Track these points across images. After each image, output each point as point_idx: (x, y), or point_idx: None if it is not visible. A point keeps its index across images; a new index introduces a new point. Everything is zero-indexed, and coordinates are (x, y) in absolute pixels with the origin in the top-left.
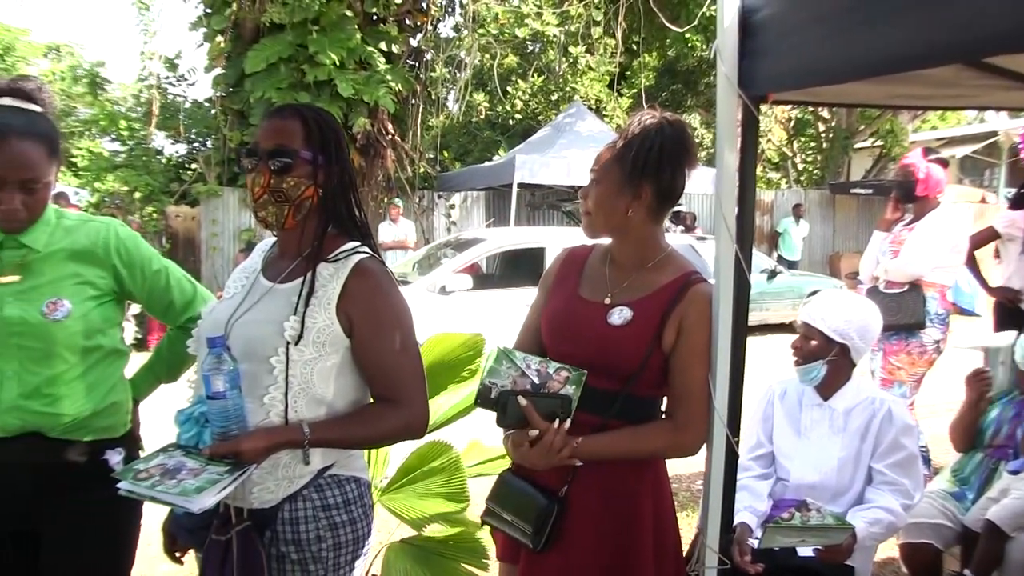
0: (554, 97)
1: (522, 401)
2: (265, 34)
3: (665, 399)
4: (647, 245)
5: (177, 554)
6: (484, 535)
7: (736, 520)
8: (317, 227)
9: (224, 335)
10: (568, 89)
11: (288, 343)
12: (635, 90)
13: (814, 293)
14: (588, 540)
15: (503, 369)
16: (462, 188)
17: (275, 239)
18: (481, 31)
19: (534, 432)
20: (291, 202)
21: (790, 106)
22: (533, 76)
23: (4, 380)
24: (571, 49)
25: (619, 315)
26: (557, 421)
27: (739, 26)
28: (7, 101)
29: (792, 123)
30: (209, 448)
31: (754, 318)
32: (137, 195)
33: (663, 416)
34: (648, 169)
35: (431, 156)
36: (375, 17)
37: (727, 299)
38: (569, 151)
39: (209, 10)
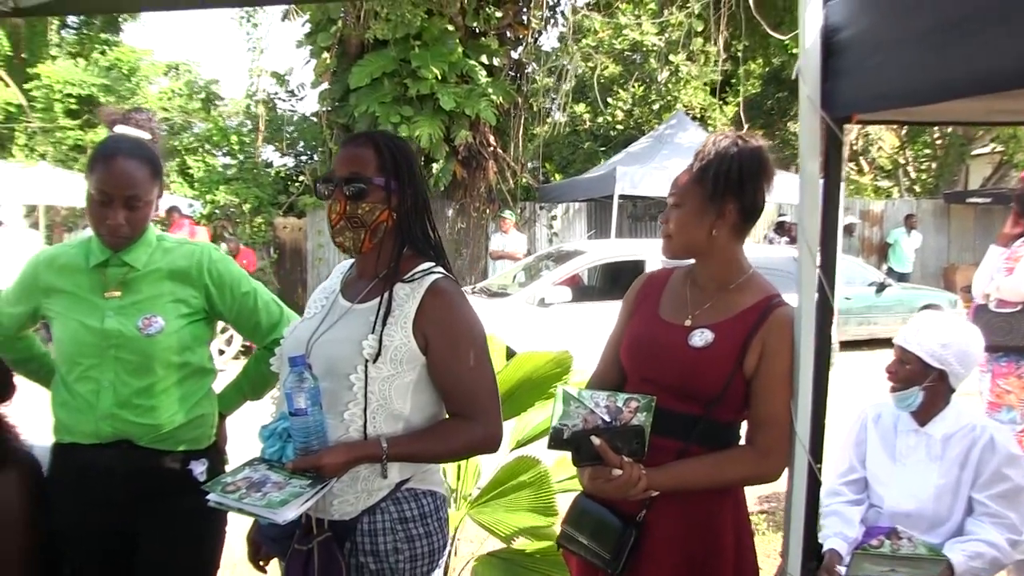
0: (656, 106)
1: (595, 440)
2: (369, 50)
3: (745, 424)
4: (730, 266)
5: (261, 563)
6: None
7: (825, 546)
8: (393, 249)
9: (305, 354)
10: (670, 98)
11: (367, 361)
12: (740, 98)
13: (927, 307)
14: (667, 566)
15: (572, 410)
16: (563, 199)
17: (353, 261)
18: (584, 43)
19: (616, 471)
20: (367, 227)
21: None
22: (634, 86)
23: (101, 389)
24: (672, 58)
25: (700, 337)
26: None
27: (822, 46)
28: (120, 129)
29: (905, 129)
30: (292, 462)
31: (861, 332)
32: (247, 207)
33: (742, 441)
34: (730, 187)
35: (533, 168)
36: (476, 31)
37: (809, 323)
38: (670, 161)
39: (315, 28)
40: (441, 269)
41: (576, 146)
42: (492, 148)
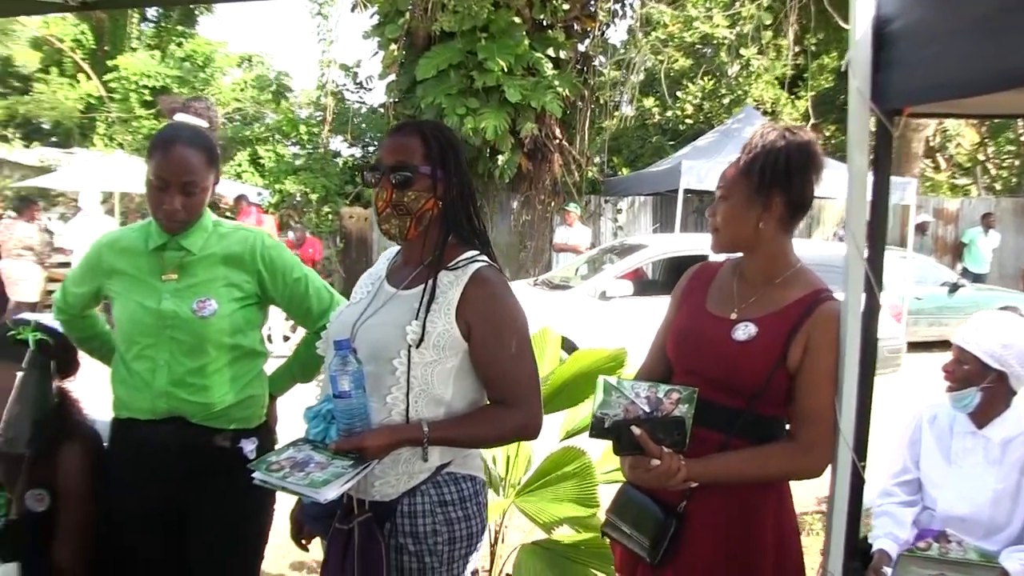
0: (726, 100)
1: (636, 430)
2: (436, 42)
3: (790, 419)
4: (777, 260)
5: (303, 541)
6: None
7: (875, 546)
8: (438, 237)
9: (350, 338)
10: (740, 92)
11: (410, 346)
12: (810, 93)
13: (1003, 309)
14: (706, 557)
15: (613, 399)
16: (629, 193)
17: (399, 247)
18: (654, 35)
19: (655, 461)
20: (412, 215)
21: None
22: (704, 79)
23: (157, 368)
24: (742, 51)
25: (744, 331)
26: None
27: (873, 37)
28: (179, 117)
29: (986, 125)
30: (335, 443)
31: (932, 333)
32: (314, 196)
33: (787, 436)
34: (776, 179)
35: (600, 161)
36: (543, 23)
37: (855, 320)
38: (737, 156)
39: (383, 19)
40: (485, 258)
41: (645, 140)
42: (558, 141)
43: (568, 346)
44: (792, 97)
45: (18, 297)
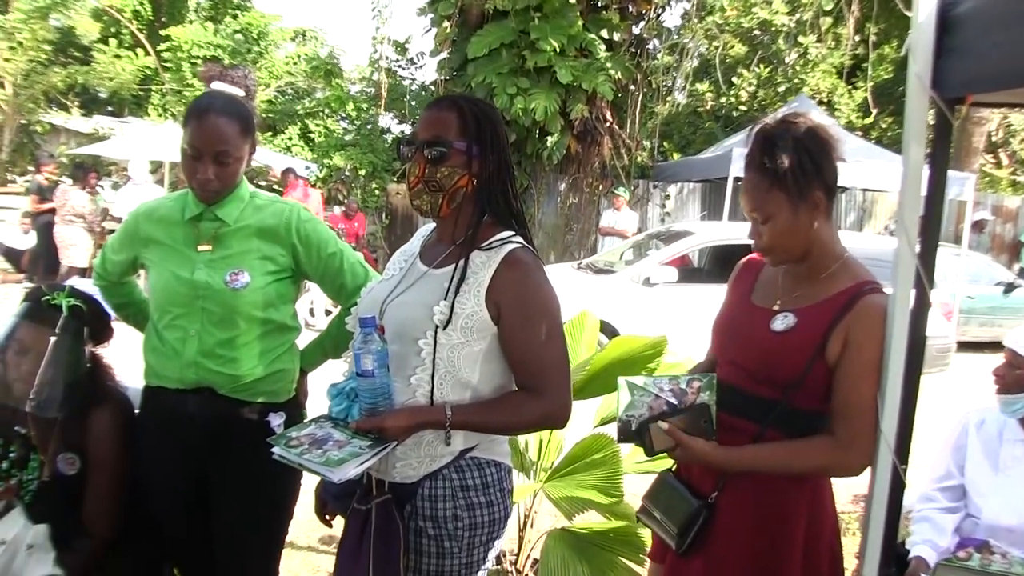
0: (781, 88)
1: (663, 425)
2: (489, 20)
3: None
4: (825, 252)
5: (327, 517)
6: (646, 531)
7: (913, 553)
8: (472, 215)
9: (376, 315)
10: (797, 81)
11: (437, 327)
12: (869, 83)
13: None
14: (733, 551)
15: (637, 399)
16: (678, 179)
17: (435, 225)
18: (709, 20)
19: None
20: (445, 191)
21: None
22: (760, 66)
23: (187, 338)
24: (801, 39)
25: (782, 321)
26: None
27: (937, 20)
28: (216, 85)
29: None
30: (356, 422)
31: (985, 334)
32: (362, 172)
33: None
34: (811, 175)
35: (653, 146)
36: (597, 4)
37: (903, 317)
38: None
39: None
40: (520, 239)
41: (697, 126)
42: (608, 124)
43: (609, 331)
44: (850, 87)
45: (69, 262)
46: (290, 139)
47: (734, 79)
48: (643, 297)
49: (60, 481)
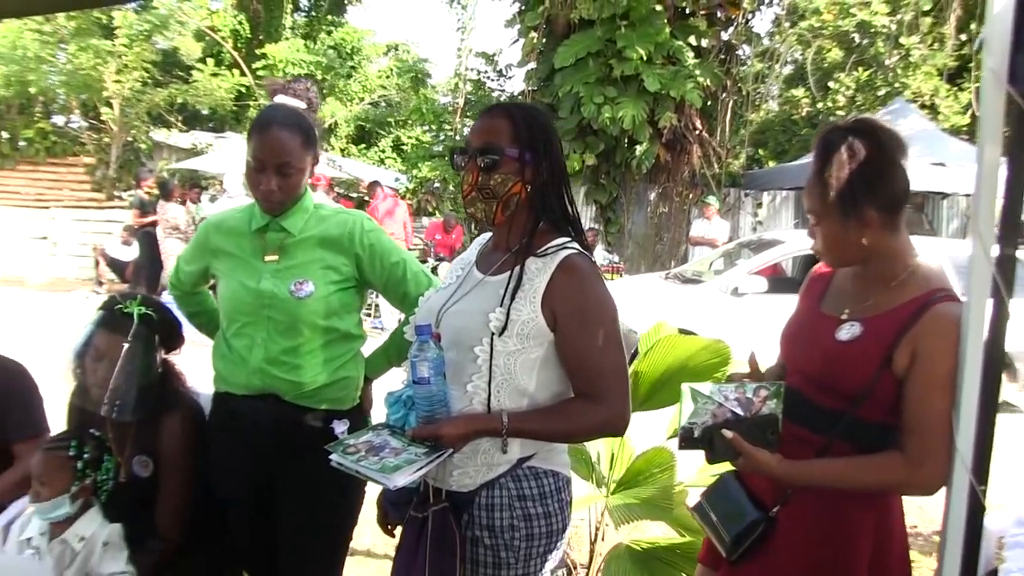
0: (881, 92)
1: (727, 434)
2: (576, 30)
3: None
4: (891, 260)
5: (389, 526)
6: None
7: None
8: (526, 222)
9: (432, 323)
10: (898, 84)
11: (492, 334)
12: (973, 84)
13: None
14: (792, 563)
15: (700, 406)
16: (770, 187)
17: (491, 233)
18: (805, 25)
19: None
20: (498, 198)
21: None
22: (858, 70)
23: (254, 345)
24: (902, 40)
25: (847, 330)
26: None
27: (1016, 11)
28: (279, 99)
29: None
30: (412, 430)
31: None
32: (450, 183)
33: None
34: (860, 195)
35: (744, 153)
36: (685, 11)
37: (978, 327)
38: None
39: (523, 7)
40: (576, 245)
41: (793, 132)
42: (698, 132)
43: None
44: (955, 89)
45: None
46: (383, 151)
47: (830, 84)
48: (731, 307)
49: (134, 483)
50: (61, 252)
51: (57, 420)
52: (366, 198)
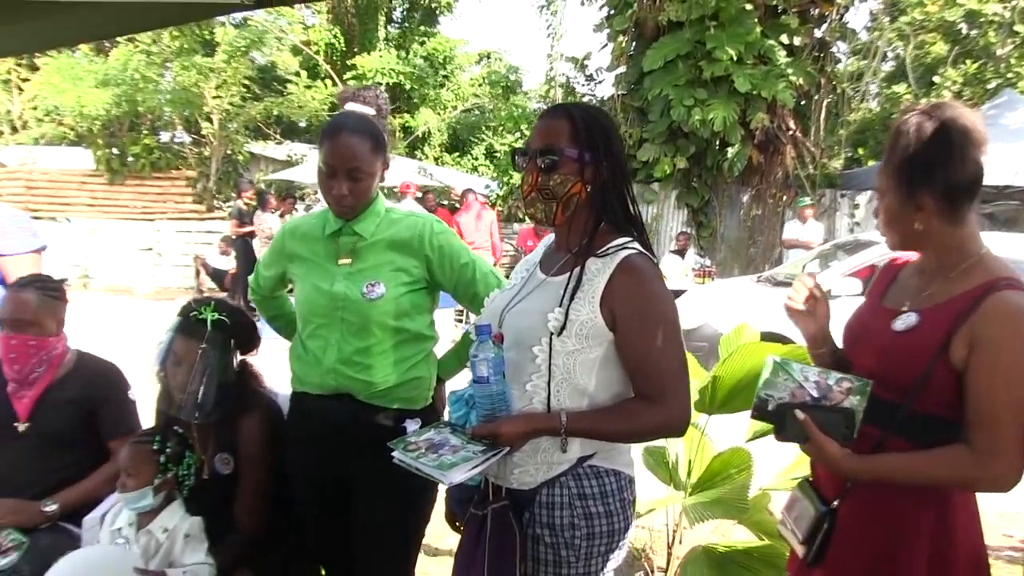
0: (991, 84)
1: (799, 414)
2: (665, 32)
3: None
4: (950, 251)
5: (456, 523)
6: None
7: None
8: (587, 222)
9: (495, 324)
10: (1011, 75)
11: (551, 334)
12: None
13: None
14: (853, 559)
15: (780, 381)
16: (867, 187)
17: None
18: (904, 19)
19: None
20: (559, 199)
21: None
22: (966, 62)
23: (328, 346)
24: (1017, 27)
25: (903, 321)
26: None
27: None
28: (349, 106)
29: None
30: (472, 428)
31: None
32: None
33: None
34: (918, 180)
35: (841, 153)
36: (776, 9)
37: None
38: (993, 145)
39: (612, 11)
40: (636, 245)
41: None
42: (791, 132)
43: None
44: None
45: None
46: (476, 159)
47: (935, 79)
48: None
49: (216, 479)
50: (165, 262)
51: (149, 419)
52: (458, 205)
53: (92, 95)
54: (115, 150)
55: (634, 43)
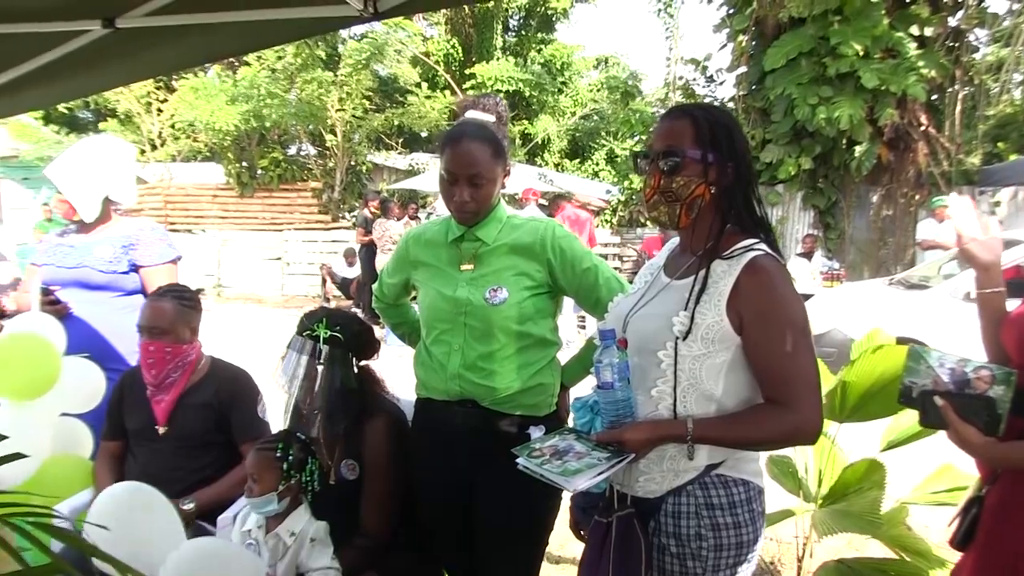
0: None
1: (938, 401)
2: (786, 30)
3: None
4: None
5: (580, 531)
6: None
7: None
8: (712, 224)
9: (619, 328)
10: None
11: (677, 338)
12: None
13: None
14: (997, 548)
15: (922, 369)
16: (1010, 182)
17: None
18: None
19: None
20: (682, 201)
21: None
22: None
23: (452, 352)
24: None
25: None
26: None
27: None
28: (469, 114)
29: None
30: (597, 435)
31: None
32: None
33: None
34: None
35: (983, 148)
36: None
37: None
38: None
39: (731, 10)
40: (764, 246)
41: None
42: (923, 128)
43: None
44: None
45: None
46: (596, 164)
47: None
48: (963, 314)
49: (341, 485)
50: (293, 271)
51: (279, 424)
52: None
53: (223, 112)
54: (245, 164)
55: (755, 42)
